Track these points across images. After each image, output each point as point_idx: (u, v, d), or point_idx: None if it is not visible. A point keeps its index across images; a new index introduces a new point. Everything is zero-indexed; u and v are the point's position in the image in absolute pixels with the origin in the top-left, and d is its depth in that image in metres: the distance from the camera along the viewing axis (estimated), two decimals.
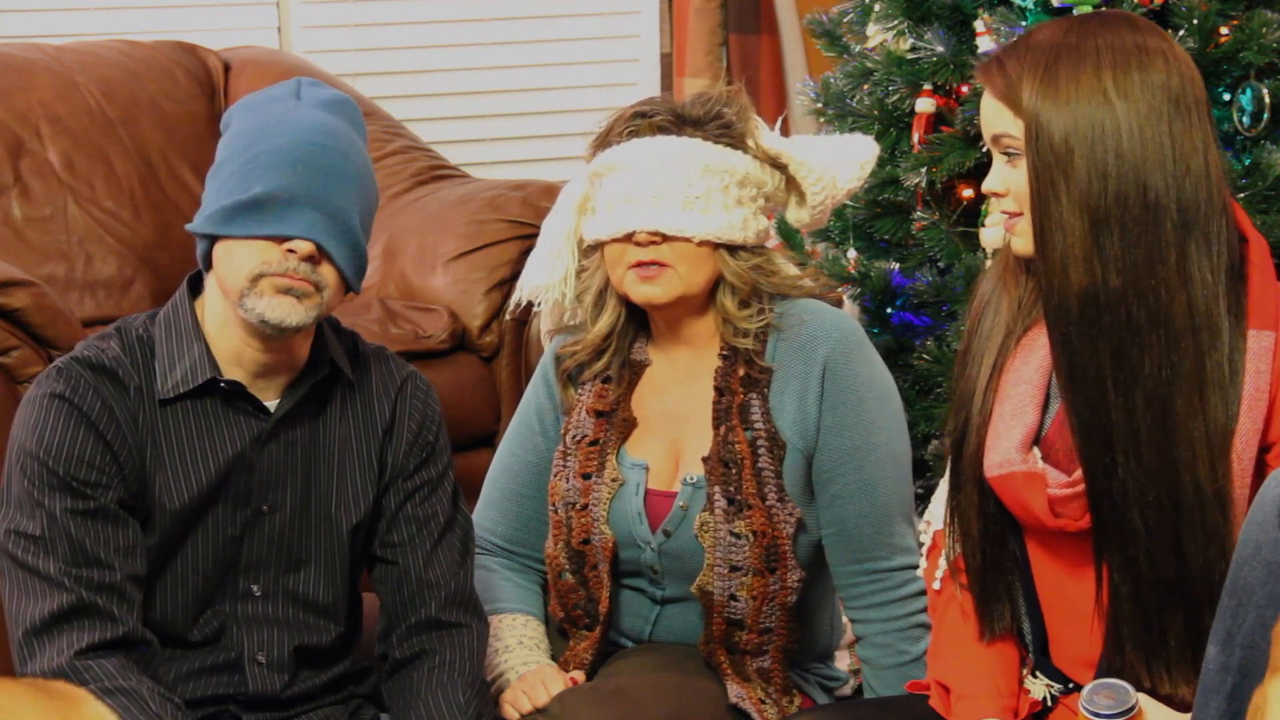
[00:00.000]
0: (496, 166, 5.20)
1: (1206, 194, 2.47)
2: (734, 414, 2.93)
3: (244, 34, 5.00)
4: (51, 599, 2.64)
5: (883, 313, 3.84)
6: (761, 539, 2.90)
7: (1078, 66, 2.46)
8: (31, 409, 2.69)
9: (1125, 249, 2.45)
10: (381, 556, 2.86)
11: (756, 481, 2.91)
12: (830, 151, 3.01)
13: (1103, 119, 2.45)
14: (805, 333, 2.94)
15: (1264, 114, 3.53)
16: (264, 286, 2.64)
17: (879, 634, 2.98)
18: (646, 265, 2.89)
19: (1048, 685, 2.63)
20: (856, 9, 3.91)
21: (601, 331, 3.00)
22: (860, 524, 2.94)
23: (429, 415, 2.87)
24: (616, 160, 2.92)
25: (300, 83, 2.76)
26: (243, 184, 2.64)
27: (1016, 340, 2.60)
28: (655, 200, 2.88)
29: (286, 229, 2.64)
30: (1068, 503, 2.52)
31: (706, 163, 2.90)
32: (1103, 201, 2.45)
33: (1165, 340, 2.46)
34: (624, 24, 5.49)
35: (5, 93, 4.36)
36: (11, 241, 4.23)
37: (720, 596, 2.93)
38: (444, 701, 2.78)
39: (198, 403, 2.73)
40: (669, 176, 2.88)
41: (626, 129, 2.93)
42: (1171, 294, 2.46)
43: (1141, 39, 2.49)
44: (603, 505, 2.99)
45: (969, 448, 2.60)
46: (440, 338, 4.09)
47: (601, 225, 2.93)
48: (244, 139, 2.68)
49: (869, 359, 2.97)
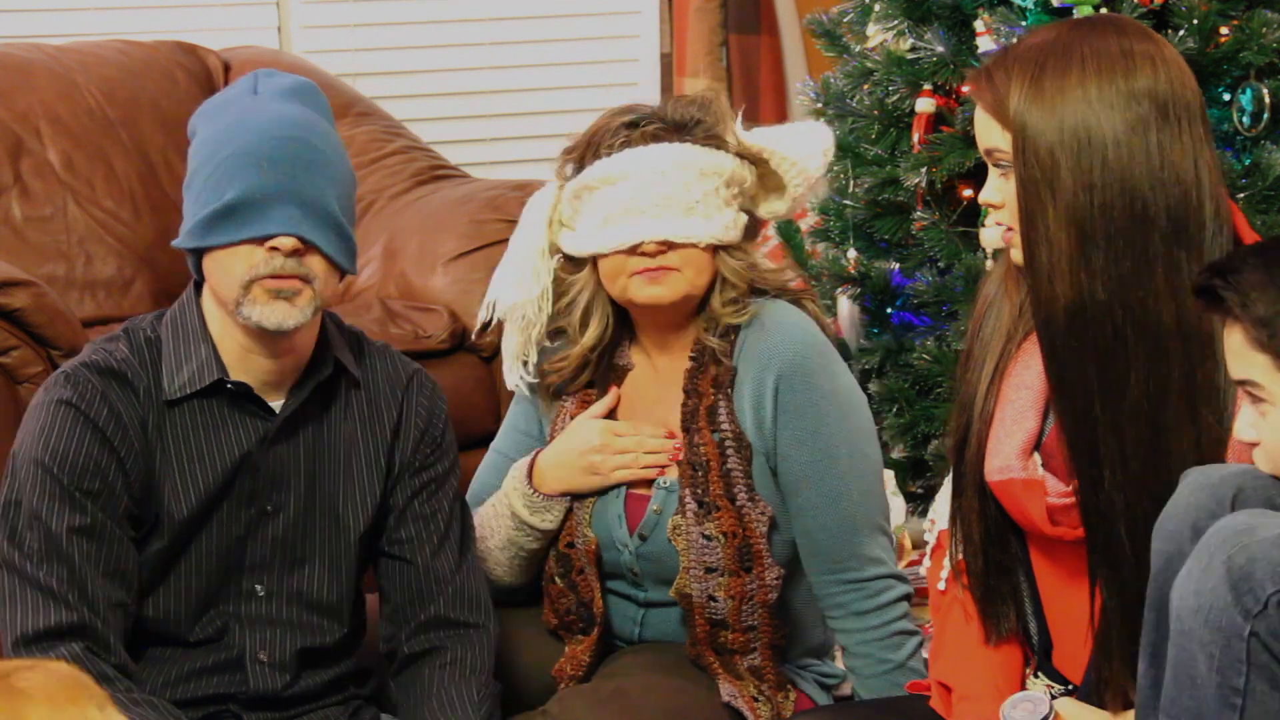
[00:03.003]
0: (496, 166, 5.20)
1: (1198, 202, 2.44)
2: (701, 416, 2.94)
3: (244, 34, 4.99)
4: (49, 614, 2.63)
5: (883, 313, 3.85)
6: (733, 539, 2.91)
7: (1062, 76, 2.44)
8: (39, 415, 2.68)
9: (1112, 261, 2.43)
10: (389, 553, 2.85)
11: (725, 483, 2.92)
12: (798, 141, 3.01)
13: (1088, 129, 2.42)
14: (765, 342, 2.93)
15: (1264, 114, 3.53)
16: (256, 292, 2.63)
17: (859, 644, 2.98)
18: (653, 270, 2.90)
19: (1048, 686, 2.63)
20: (856, 9, 3.91)
21: (588, 344, 3.00)
22: (827, 536, 2.95)
23: (435, 412, 2.87)
24: (612, 172, 2.91)
25: (257, 76, 2.74)
26: (215, 192, 2.63)
27: (1018, 345, 2.59)
28: (659, 209, 2.88)
29: (266, 228, 2.62)
30: (1066, 512, 2.51)
31: (701, 167, 2.90)
32: (1089, 213, 2.42)
33: (1153, 352, 2.43)
34: (624, 24, 5.49)
35: (5, 93, 4.36)
36: (11, 241, 4.22)
37: (699, 598, 2.93)
38: (456, 698, 2.78)
39: (204, 403, 2.73)
40: (669, 184, 2.89)
41: (618, 140, 2.92)
42: (1160, 305, 2.43)
43: (1128, 44, 2.45)
44: (586, 508, 3.00)
45: (970, 451, 2.60)
46: (440, 338, 4.09)
47: (600, 238, 2.92)
48: (210, 146, 2.66)
49: (830, 371, 2.96)
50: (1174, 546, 2.25)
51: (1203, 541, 2.18)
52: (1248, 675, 2.13)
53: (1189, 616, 2.16)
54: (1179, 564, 2.22)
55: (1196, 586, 2.15)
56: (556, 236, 3.00)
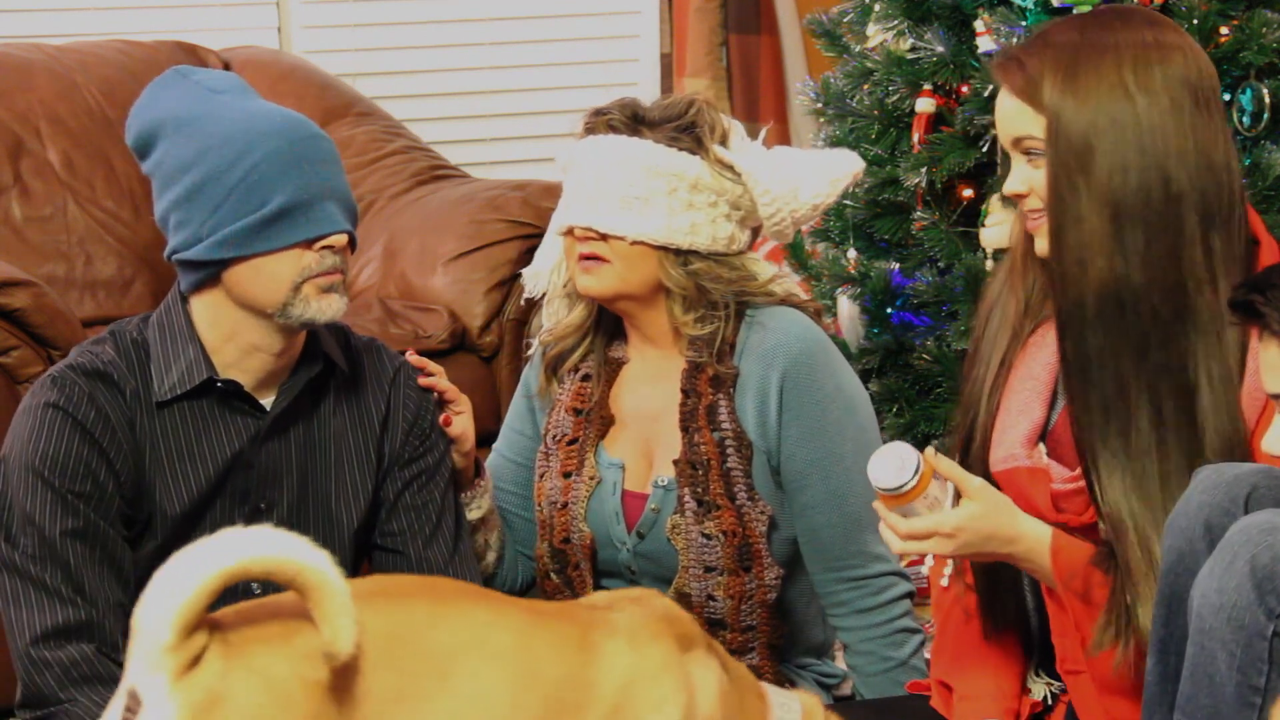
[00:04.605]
0: (496, 166, 5.20)
1: (1228, 186, 2.46)
2: (701, 416, 2.94)
3: (244, 34, 5.00)
4: (55, 613, 2.63)
5: (883, 313, 3.84)
6: (732, 539, 2.91)
7: (1098, 63, 2.45)
8: (26, 419, 2.69)
9: (1149, 242, 2.43)
10: (382, 545, 2.86)
11: (725, 482, 2.92)
12: (796, 167, 2.98)
13: (1124, 114, 2.44)
14: (769, 341, 2.93)
15: (1264, 114, 3.53)
16: (307, 291, 2.66)
17: (862, 641, 2.98)
18: (588, 258, 2.92)
19: (1048, 684, 2.63)
20: (856, 9, 3.91)
21: (574, 322, 3.03)
22: (831, 534, 2.95)
23: (424, 404, 2.88)
24: (574, 156, 2.96)
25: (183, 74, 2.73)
26: (255, 199, 2.63)
27: (1024, 340, 2.59)
28: (593, 198, 2.91)
29: (321, 228, 2.66)
30: (1071, 498, 2.51)
31: (653, 165, 2.90)
32: (1124, 195, 2.43)
33: (1192, 334, 2.44)
34: (624, 24, 5.49)
35: (5, 93, 4.36)
36: (11, 241, 4.22)
37: (698, 598, 2.94)
38: None
39: (194, 404, 2.73)
40: (610, 175, 2.90)
41: (584, 126, 2.97)
42: (1200, 287, 2.44)
43: (1159, 34, 2.48)
44: (580, 504, 3.00)
45: (975, 445, 2.60)
46: (440, 338, 4.09)
47: (555, 218, 2.99)
48: (217, 154, 2.64)
49: (833, 369, 2.96)
50: (1185, 543, 2.25)
51: (1225, 539, 2.18)
52: (1269, 675, 2.13)
53: (1210, 615, 2.16)
54: (1190, 560, 2.22)
55: (1219, 585, 2.15)
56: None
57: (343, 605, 2.06)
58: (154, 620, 2.05)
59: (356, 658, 2.09)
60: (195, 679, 2.04)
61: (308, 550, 2.06)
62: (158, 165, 2.69)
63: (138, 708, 2.05)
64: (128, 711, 2.06)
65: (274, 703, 2.05)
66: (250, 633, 2.09)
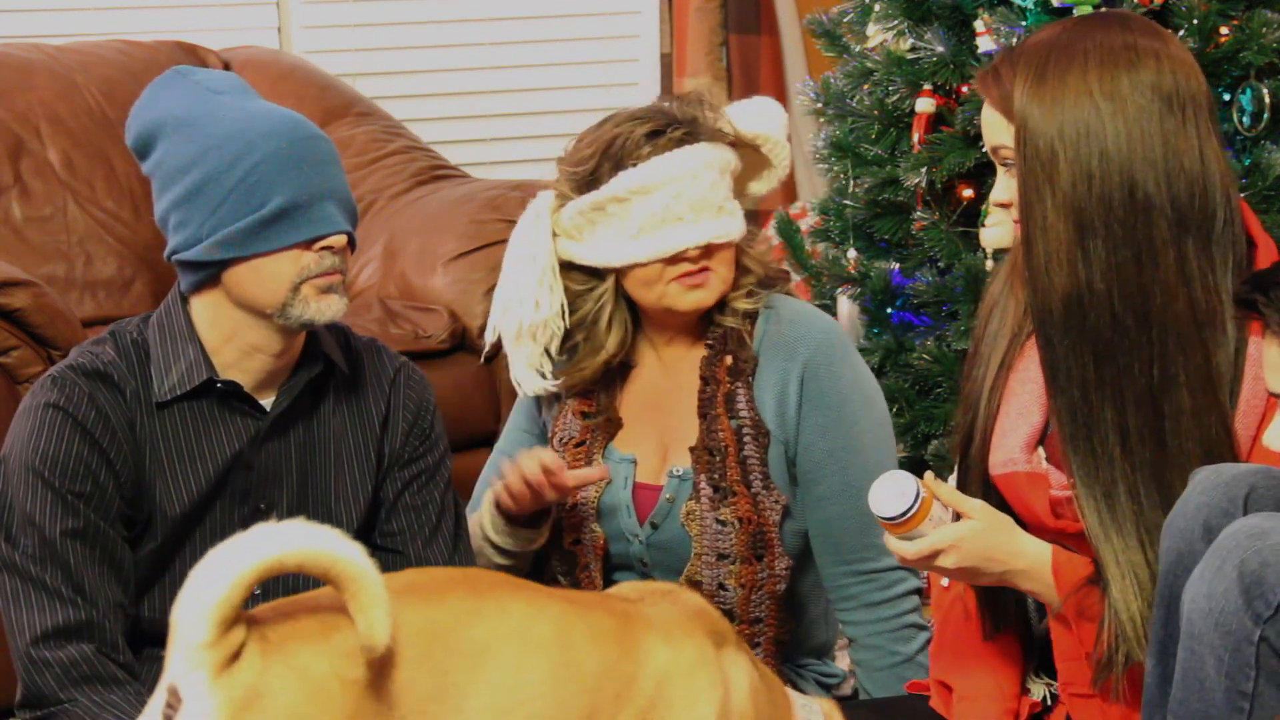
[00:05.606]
0: (496, 166, 5.20)
1: (1204, 191, 2.44)
2: (719, 403, 2.95)
3: (244, 34, 5.00)
4: (56, 613, 2.63)
5: (883, 313, 3.84)
6: (747, 525, 2.91)
7: (1065, 69, 2.44)
8: (26, 419, 2.68)
9: (1111, 251, 2.43)
10: (381, 545, 2.86)
11: (741, 469, 2.93)
12: (764, 117, 3.02)
13: (1088, 120, 2.42)
14: (791, 332, 2.95)
15: (1264, 114, 3.52)
16: (306, 291, 2.66)
17: (870, 635, 2.99)
18: (695, 274, 2.91)
19: (1047, 685, 2.63)
20: (856, 9, 3.91)
21: (612, 350, 3.00)
22: (846, 526, 2.95)
23: (424, 403, 2.88)
24: (645, 182, 2.90)
25: (182, 74, 2.73)
26: (254, 199, 2.63)
27: (1023, 341, 2.59)
28: (696, 214, 2.90)
29: (320, 229, 2.66)
30: (1069, 504, 2.51)
31: (719, 164, 2.93)
32: (1087, 203, 2.43)
33: (1160, 341, 2.43)
34: (624, 24, 5.49)
35: (5, 93, 4.36)
36: (11, 241, 4.22)
37: (709, 586, 2.94)
38: None
39: (194, 404, 2.73)
40: (700, 187, 2.90)
41: (644, 150, 2.91)
42: (1172, 294, 2.43)
43: (1132, 38, 2.46)
44: (591, 504, 3.00)
45: (974, 446, 2.60)
46: (440, 338, 4.09)
47: (635, 249, 2.92)
48: (216, 155, 2.64)
49: (852, 362, 2.98)
50: (1184, 544, 2.25)
51: (1216, 544, 2.18)
52: (1256, 680, 2.13)
53: (1199, 619, 2.16)
54: (1189, 561, 2.22)
55: (1208, 590, 2.15)
56: (560, 250, 3.00)
57: (378, 596, 2.06)
58: (191, 617, 2.05)
59: (394, 654, 2.09)
60: (235, 675, 2.05)
61: (342, 542, 2.07)
62: (158, 165, 2.69)
63: (178, 704, 2.06)
64: (168, 708, 2.07)
65: (313, 700, 2.06)
66: (288, 629, 2.10)
